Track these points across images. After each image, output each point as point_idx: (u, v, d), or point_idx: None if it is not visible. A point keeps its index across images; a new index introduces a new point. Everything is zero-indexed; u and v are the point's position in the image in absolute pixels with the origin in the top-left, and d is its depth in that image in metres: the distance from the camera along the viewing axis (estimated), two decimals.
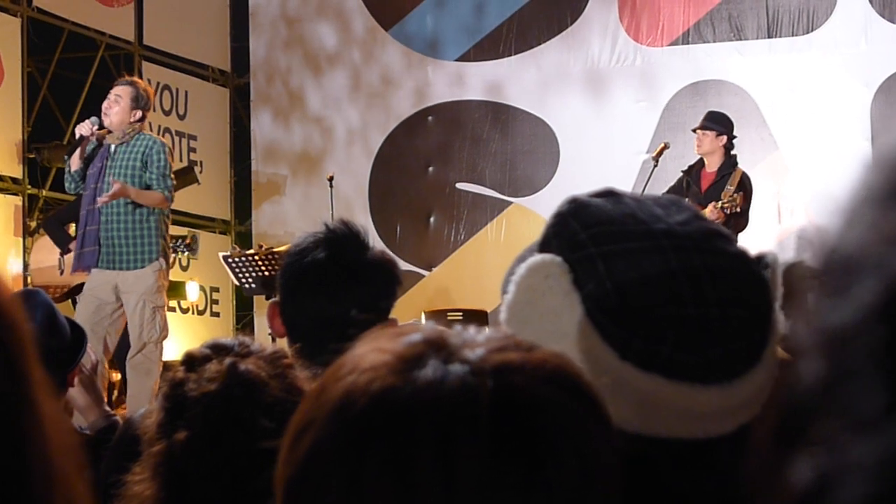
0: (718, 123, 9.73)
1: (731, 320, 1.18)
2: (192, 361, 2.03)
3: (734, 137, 9.72)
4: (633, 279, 1.18)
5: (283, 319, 2.76)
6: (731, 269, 1.21)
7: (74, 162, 8.25)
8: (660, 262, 1.19)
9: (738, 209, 9.30)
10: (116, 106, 8.21)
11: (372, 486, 0.94)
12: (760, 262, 1.25)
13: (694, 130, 9.78)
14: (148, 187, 8.17)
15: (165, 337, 8.19)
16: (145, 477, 1.98)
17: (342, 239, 2.77)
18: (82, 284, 8.33)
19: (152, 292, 8.09)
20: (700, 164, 9.72)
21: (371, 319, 2.58)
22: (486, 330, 1.03)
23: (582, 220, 1.24)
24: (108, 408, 3.99)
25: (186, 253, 10.00)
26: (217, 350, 2.04)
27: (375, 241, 2.90)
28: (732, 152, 9.66)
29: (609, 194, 1.28)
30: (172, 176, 8.30)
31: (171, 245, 9.38)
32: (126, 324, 8.15)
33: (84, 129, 8.20)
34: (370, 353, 0.99)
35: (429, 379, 0.95)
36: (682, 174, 9.80)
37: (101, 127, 8.21)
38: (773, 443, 0.59)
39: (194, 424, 1.97)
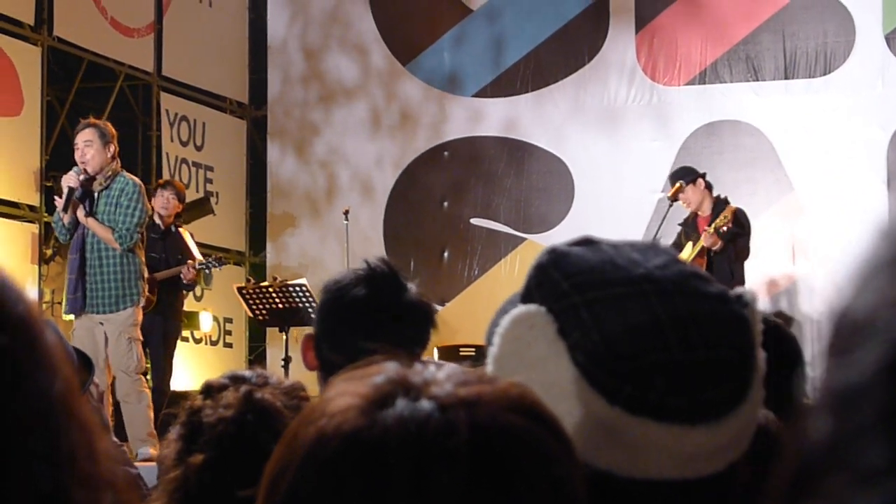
0: (682, 177, 9.80)
1: (717, 362, 1.20)
2: (209, 390, 2.06)
3: (704, 174, 9.78)
4: (618, 327, 1.19)
5: (317, 354, 2.73)
6: (713, 310, 1.23)
7: (66, 215, 8.37)
8: (644, 309, 1.20)
9: (731, 224, 9.35)
10: (90, 150, 8.31)
11: None
12: (739, 300, 1.26)
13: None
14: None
15: (143, 369, 8.48)
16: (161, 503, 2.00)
17: (382, 278, 2.77)
18: None
19: (129, 325, 8.36)
20: (695, 214, 9.82)
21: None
22: (447, 366, 1.04)
23: (563, 269, 1.25)
24: (115, 438, 4.01)
25: (220, 268, 10.04)
26: (235, 380, 2.07)
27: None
28: (717, 194, 9.74)
29: (587, 242, 1.28)
30: (138, 218, 8.34)
31: (203, 264, 9.52)
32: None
33: (71, 180, 8.31)
34: (338, 396, 1.00)
35: (398, 417, 0.96)
36: (679, 227, 9.89)
37: (87, 175, 8.30)
38: (783, 497, 0.61)
39: (209, 448, 1.99)
